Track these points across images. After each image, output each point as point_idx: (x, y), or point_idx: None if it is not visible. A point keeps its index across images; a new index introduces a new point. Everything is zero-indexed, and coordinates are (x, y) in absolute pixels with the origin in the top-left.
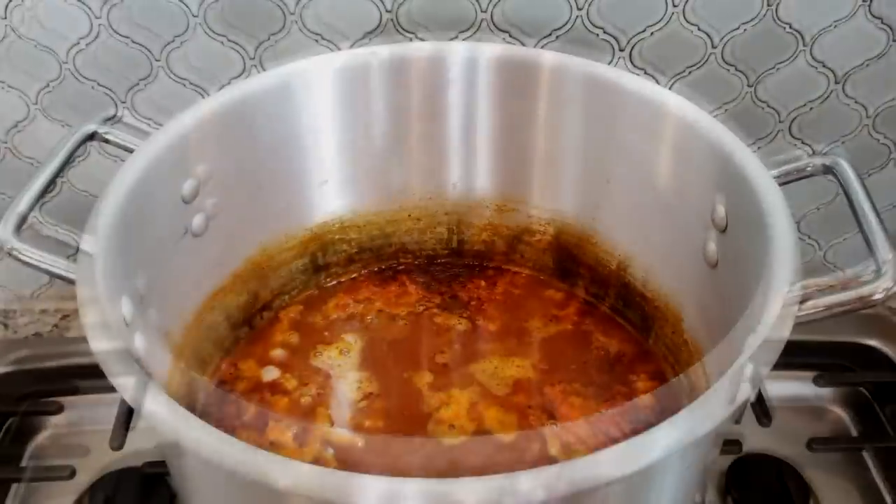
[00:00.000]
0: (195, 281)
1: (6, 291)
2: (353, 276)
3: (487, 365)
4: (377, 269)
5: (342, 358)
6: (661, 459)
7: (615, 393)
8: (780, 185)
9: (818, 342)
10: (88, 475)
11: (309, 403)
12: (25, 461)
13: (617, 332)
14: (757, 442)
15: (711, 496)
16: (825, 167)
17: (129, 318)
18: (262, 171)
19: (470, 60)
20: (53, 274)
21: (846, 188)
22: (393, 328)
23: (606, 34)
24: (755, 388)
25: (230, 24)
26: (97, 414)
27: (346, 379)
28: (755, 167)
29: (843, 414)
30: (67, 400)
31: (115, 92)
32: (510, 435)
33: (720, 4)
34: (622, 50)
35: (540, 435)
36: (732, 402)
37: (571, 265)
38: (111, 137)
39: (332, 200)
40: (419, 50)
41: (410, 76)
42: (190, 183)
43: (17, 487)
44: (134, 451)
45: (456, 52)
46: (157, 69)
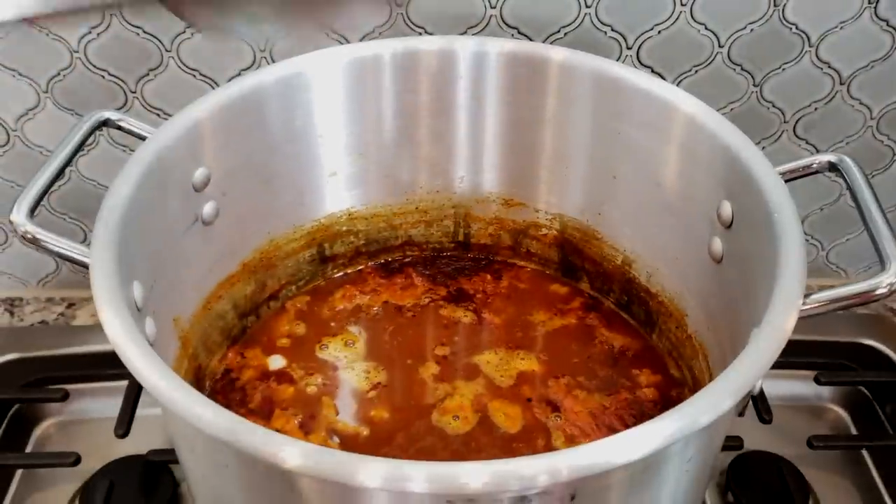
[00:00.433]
0: (204, 269)
1: (12, 279)
2: (359, 267)
3: (492, 357)
4: (383, 261)
5: (347, 349)
6: (662, 448)
7: (619, 387)
8: (785, 182)
9: (819, 341)
10: (93, 462)
11: (315, 393)
12: (30, 448)
13: (621, 327)
14: (757, 440)
15: (712, 493)
16: (831, 164)
17: (140, 303)
18: (271, 161)
19: (479, 55)
20: (67, 258)
21: (852, 186)
22: (398, 320)
23: (614, 32)
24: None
25: None
26: (102, 402)
27: (350, 369)
28: (762, 164)
29: (842, 413)
30: (73, 388)
31: (125, 82)
32: (515, 426)
33: (727, 4)
34: (629, 48)
35: (544, 427)
36: (736, 394)
37: (577, 260)
38: (124, 125)
39: (340, 192)
40: (429, 44)
41: (420, 70)
42: (201, 172)
43: (21, 474)
44: (139, 438)
45: (465, 46)
46: (167, 59)
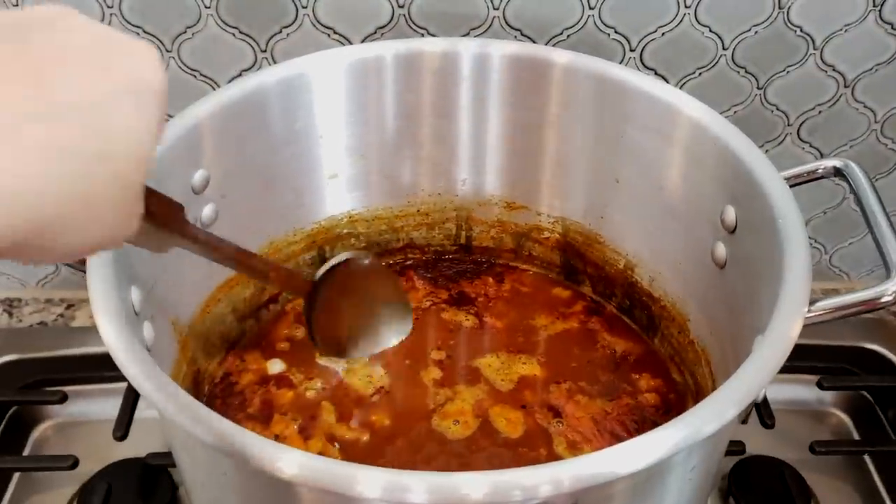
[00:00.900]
0: (203, 272)
1: (11, 280)
2: None
3: (494, 361)
4: (385, 264)
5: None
6: (666, 458)
7: (621, 392)
8: (790, 187)
9: (821, 346)
10: (91, 465)
11: (314, 397)
12: (28, 450)
13: (623, 331)
14: (759, 444)
15: (714, 498)
16: (836, 170)
17: (138, 306)
18: (272, 163)
19: (482, 57)
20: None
21: (857, 191)
22: None
23: (618, 34)
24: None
25: (242, 15)
26: (101, 404)
27: (350, 374)
28: (766, 169)
29: (845, 418)
30: (71, 389)
31: None
32: (517, 431)
33: (731, 6)
34: (633, 50)
35: (546, 432)
36: (739, 402)
37: (579, 264)
38: None
39: (341, 194)
40: (431, 46)
41: (422, 72)
42: (200, 174)
43: (19, 477)
44: (137, 441)
45: (468, 48)
46: (167, 59)
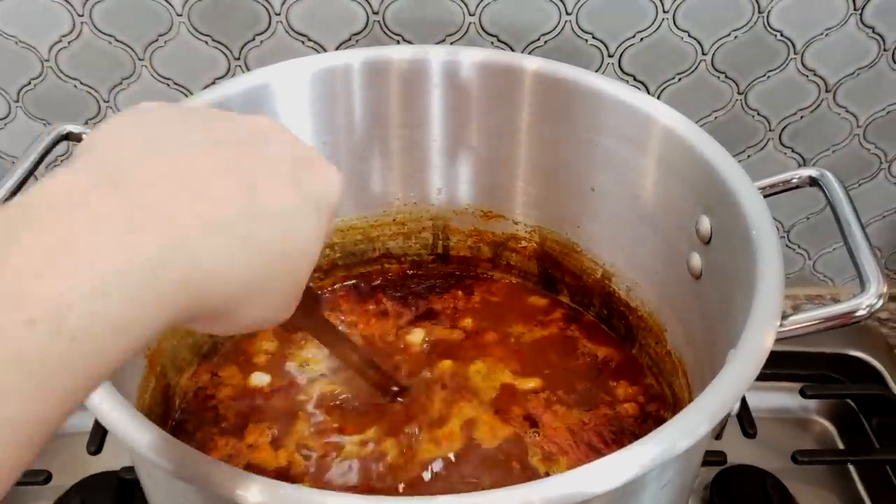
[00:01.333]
0: None
1: None
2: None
3: (471, 372)
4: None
5: (319, 364)
6: (640, 476)
7: (599, 402)
8: (766, 196)
9: (804, 353)
10: (65, 479)
11: (289, 407)
12: None
13: (603, 338)
14: (741, 454)
15: None
16: (811, 179)
17: None
18: None
19: (452, 64)
20: None
21: (832, 201)
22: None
23: (595, 39)
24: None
25: (214, 23)
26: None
27: (322, 385)
28: (740, 179)
29: (828, 426)
30: None
31: (97, 91)
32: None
33: (710, 11)
34: (611, 56)
35: (521, 444)
36: (712, 417)
37: (556, 273)
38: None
39: None
40: (400, 53)
41: (391, 80)
42: None
43: None
44: (111, 455)
45: (437, 55)
46: (140, 68)
